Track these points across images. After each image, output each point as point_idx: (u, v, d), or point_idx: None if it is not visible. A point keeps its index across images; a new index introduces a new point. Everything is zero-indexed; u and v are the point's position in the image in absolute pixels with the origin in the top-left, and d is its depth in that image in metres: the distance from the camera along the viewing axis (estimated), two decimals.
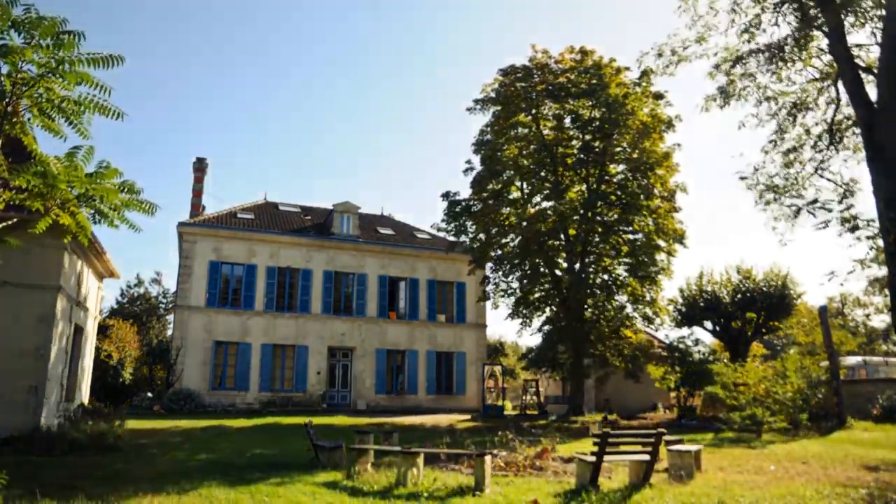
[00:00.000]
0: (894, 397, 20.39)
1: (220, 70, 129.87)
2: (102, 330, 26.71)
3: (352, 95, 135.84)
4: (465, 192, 28.11)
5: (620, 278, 26.04)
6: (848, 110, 15.10)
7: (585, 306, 25.31)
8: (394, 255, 32.60)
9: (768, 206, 16.32)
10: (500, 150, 26.43)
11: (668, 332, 28.85)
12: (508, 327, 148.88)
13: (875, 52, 13.94)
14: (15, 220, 7.94)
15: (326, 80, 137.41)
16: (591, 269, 26.01)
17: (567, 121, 26.48)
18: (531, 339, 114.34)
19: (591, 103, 25.18)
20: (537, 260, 25.81)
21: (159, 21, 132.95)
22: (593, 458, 8.70)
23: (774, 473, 10.57)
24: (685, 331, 27.77)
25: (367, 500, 7.97)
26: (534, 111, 26.16)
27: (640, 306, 25.69)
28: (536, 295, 26.62)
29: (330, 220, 32.61)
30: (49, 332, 13.85)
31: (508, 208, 27.39)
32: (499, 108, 26.41)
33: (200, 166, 33.25)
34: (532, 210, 26.81)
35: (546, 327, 26.78)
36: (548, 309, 26.59)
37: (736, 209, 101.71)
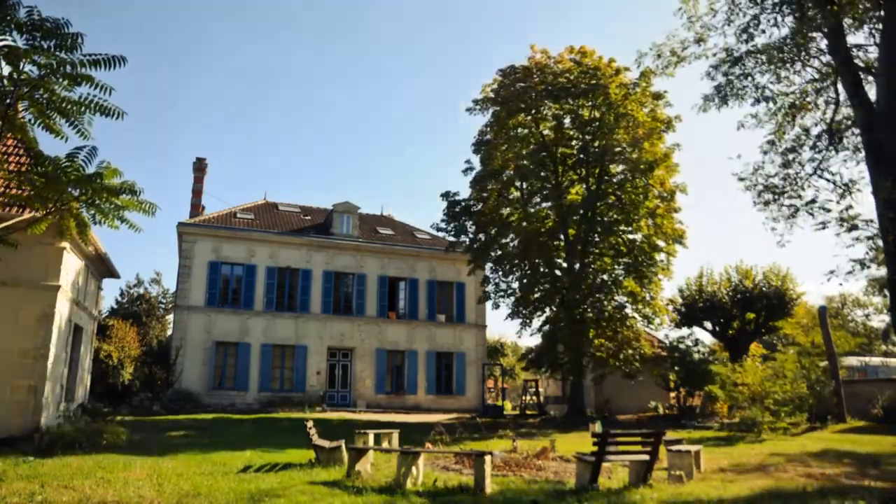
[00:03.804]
0: (894, 397, 20.42)
1: (221, 70, 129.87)
2: (102, 330, 26.63)
3: (352, 95, 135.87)
4: (465, 193, 28.21)
5: (620, 278, 26.06)
6: (847, 110, 15.08)
7: (585, 306, 25.32)
8: (393, 256, 32.60)
9: (767, 207, 16.31)
10: (499, 150, 26.43)
11: (667, 332, 28.80)
12: (508, 327, 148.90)
13: (874, 52, 13.95)
14: (16, 220, 7.95)
15: (326, 79, 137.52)
16: (590, 269, 26.03)
17: (566, 121, 26.51)
18: (531, 339, 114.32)
19: (590, 103, 25.21)
20: (537, 260, 25.83)
21: (159, 21, 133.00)
22: (593, 458, 8.73)
23: (774, 473, 10.59)
24: (685, 331, 27.82)
25: (366, 500, 7.97)
26: (533, 111, 26.18)
27: (640, 306, 25.71)
28: (536, 295, 26.63)
29: (330, 220, 32.61)
30: (49, 332, 13.85)
31: (508, 208, 27.41)
32: (498, 108, 26.42)
33: (200, 166, 33.33)
34: (532, 210, 26.80)
35: (546, 327, 26.79)
36: (547, 309, 26.61)
37: (737, 209, 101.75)
